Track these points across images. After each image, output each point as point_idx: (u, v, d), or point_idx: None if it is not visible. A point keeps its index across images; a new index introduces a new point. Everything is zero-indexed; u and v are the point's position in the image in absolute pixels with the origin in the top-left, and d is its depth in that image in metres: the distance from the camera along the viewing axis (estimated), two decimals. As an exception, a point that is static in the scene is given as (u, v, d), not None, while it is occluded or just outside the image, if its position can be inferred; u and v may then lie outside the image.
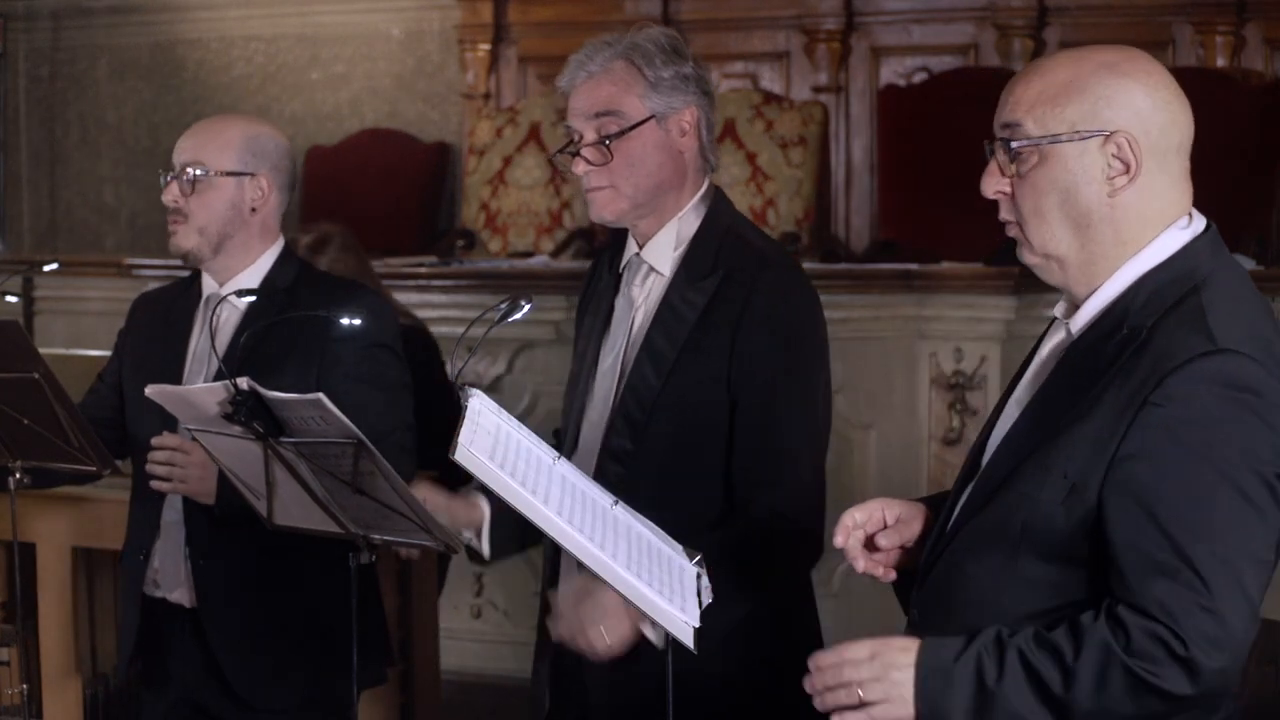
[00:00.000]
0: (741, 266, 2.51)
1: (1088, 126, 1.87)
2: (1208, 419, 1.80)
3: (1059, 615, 1.85)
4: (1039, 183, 1.90)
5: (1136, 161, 1.87)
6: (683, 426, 2.51)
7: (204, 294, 3.07)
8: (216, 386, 2.46)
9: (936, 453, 4.97)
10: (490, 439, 2.01)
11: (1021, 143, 1.90)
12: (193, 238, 2.99)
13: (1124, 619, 1.79)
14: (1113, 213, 1.89)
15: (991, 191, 1.95)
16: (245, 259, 3.04)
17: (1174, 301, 1.87)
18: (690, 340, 2.50)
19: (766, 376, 2.49)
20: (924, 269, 5.13)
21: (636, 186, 2.51)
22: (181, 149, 3.03)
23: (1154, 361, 1.82)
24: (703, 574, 2.14)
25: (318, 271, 3.32)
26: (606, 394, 2.57)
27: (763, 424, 2.49)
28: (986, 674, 1.82)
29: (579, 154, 2.52)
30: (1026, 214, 1.92)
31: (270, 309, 2.96)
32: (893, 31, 6.83)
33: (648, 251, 2.57)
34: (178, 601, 3.02)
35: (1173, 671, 1.77)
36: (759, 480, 2.49)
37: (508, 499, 1.99)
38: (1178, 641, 1.76)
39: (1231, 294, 1.88)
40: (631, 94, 2.51)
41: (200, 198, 2.98)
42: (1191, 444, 1.80)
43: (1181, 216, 1.93)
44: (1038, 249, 1.94)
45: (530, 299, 2.27)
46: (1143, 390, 1.81)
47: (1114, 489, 1.82)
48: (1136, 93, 1.88)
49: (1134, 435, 1.81)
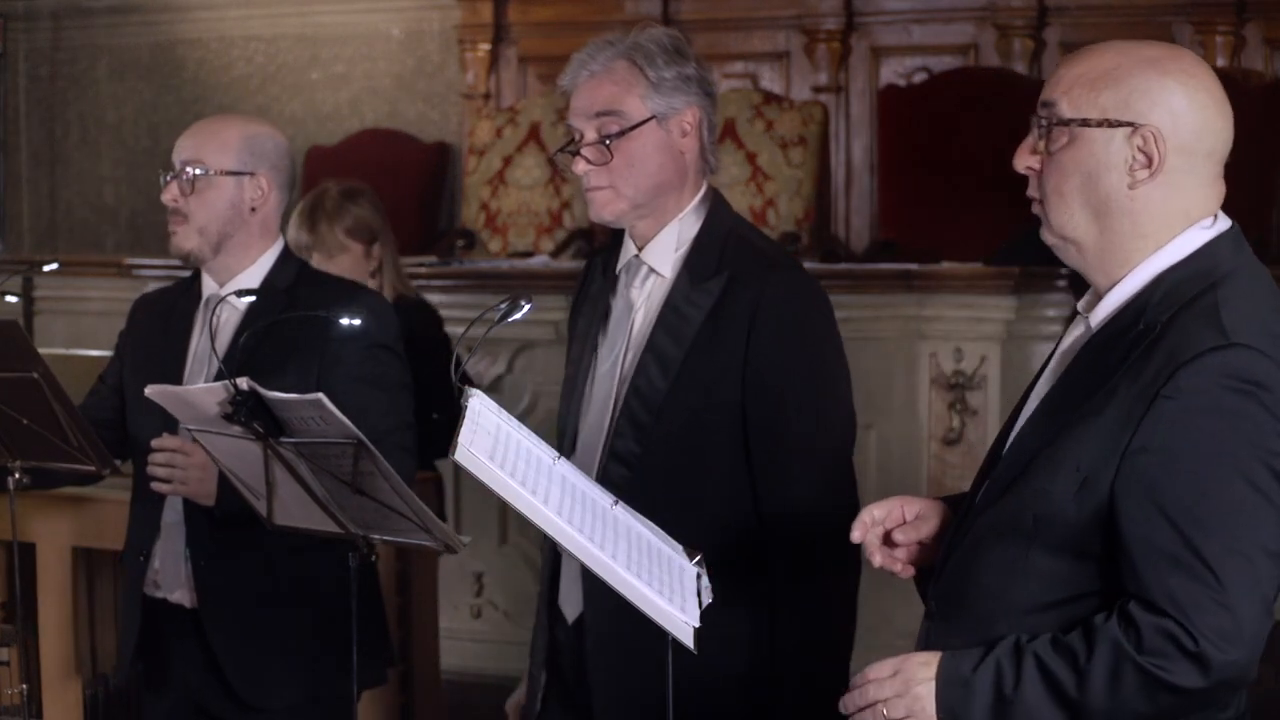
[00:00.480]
0: (748, 268, 2.51)
1: (1118, 116, 1.89)
2: (1217, 412, 1.80)
3: (1071, 608, 1.87)
4: (1065, 163, 1.92)
5: (1160, 157, 1.88)
6: (690, 428, 2.50)
7: (204, 294, 3.06)
8: (216, 387, 2.46)
9: (936, 453, 4.97)
10: (490, 439, 2.01)
11: (1054, 121, 1.92)
12: (193, 238, 2.99)
13: (1135, 617, 1.79)
14: (1131, 204, 1.90)
15: (1022, 166, 1.98)
16: (245, 259, 3.03)
17: (1190, 298, 1.88)
18: (697, 342, 2.49)
19: (786, 379, 2.48)
20: (924, 269, 5.13)
21: (636, 187, 2.50)
22: (181, 148, 3.03)
23: (1167, 356, 1.83)
24: (703, 574, 2.14)
25: (317, 271, 3.32)
26: (606, 397, 2.56)
27: (784, 426, 2.48)
28: (1005, 682, 1.84)
29: (579, 153, 2.52)
30: (1049, 192, 1.94)
31: (270, 309, 2.96)
32: (893, 31, 6.82)
33: (648, 253, 2.56)
34: (178, 602, 3.01)
35: (1184, 666, 1.77)
36: (785, 480, 2.49)
37: (508, 499, 1.99)
38: (1188, 636, 1.77)
39: (1248, 291, 1.89)
40: (633, 94, 2.50)
41: (200, 197, 2.98)
42: (1201, 437, 1.81)
43: (1206, 218, 1.94)
44: (1056, 229, 1.96)
45: (530, 299, 2.27)
46: (1155, 383, 1.82)
47: (1125, 482, 1.83)
48: (1175, 92, 1.89)
49: (1145, 428, 1.82)
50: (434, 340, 4.23)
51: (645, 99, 2.50)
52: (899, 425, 4.98)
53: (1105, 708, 1.80)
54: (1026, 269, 4.95)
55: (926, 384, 4.95)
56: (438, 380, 2.70)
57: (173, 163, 3.01)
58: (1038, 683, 1.82)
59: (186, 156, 3.00)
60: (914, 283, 5.04)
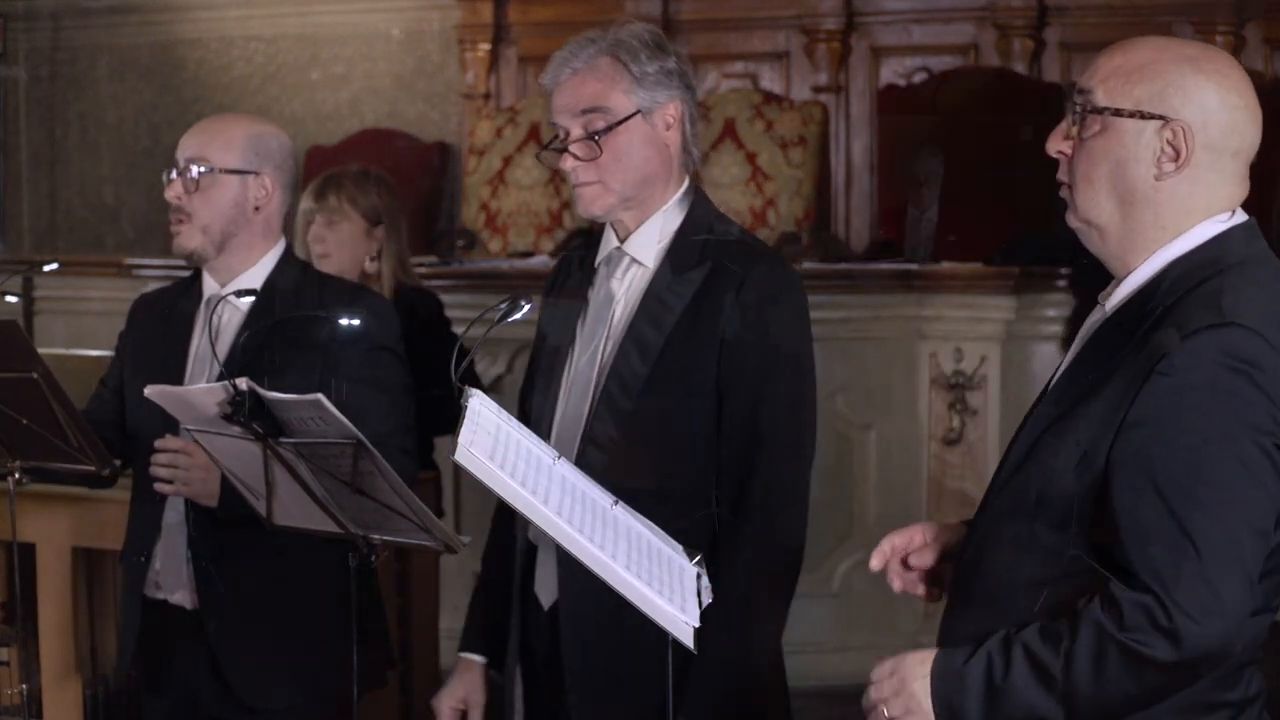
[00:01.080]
0: (730, 259, 2.53)
1: (1151, 108, 1.92)
2: (1209, 389, 1.82)
3: (1070, 584, 1.88)
4: (1095, 151, 1.96)
5: (1188, 152, 1.91)
6: (668, 414, 2.52)
7: (205, 295, 3.06)
8: (216, 387, 2.46)
9: (936, 453, 4.97)
10: (490, 439, 2.01)
11: (1088, 109, 1.94)
12: (197, 237, 2.99)
13: (1116, 595, 1.81)
14: (1156, 195, 1.94)
15: (1054, 150, 2.02)
16: (248, 259, 3.03)
17: (1196, 283, 1.91)
18: (678, 329, 2.51)
19: (762, 365, 2.51)
20: (924, 269, 5.14)
21: (624, 181, 2.53)
22: (185, 146, 3.02)
23: (1165, 334, 1.86)
24: (703, 574, 2.14)
25: (319, 272, 3.32)
26: (586, 385, 2.57)
27: (752, 416, 2.50)
28: (995, 671, 1.86)
29: (566, 150, 2.53)
30: (1078, 178, 1.98)
31: (272, 310, 2.96)
32: (893, 31, 6.83)
33: (630, 244, 2.58)
34: (179, 603, 3.01)
35: (1158, 639, 1.79)
36: (749, 465, 2.51)
37: (508, 499, 1.99)
38: (1162, 610, 1.78)
39: (1254, 279, 1.92)
40: (617, 89, 2.52)
41: (204, 195, 2.98)
42: (1193, 413, 1.83)
43: (1224, 213, 1.96)
44: (1080, 214, 1.99)
45: (530, 299, 2.28)
46: (1151, 359, 1.85)
47: (1119, 456, 1.86)
48: (1209, 90, 1.93)
49: (1141, 403, 1.85)
50: (433, 317, 4.26)
51: (629, 94, 2.52)
52: (899, 425, 4.98)
53: (1091, 691, 1.82)
54: (1026, 269, 4.96)
55: (926, 384, 4.95)
56: (437, 354, 2.70)
57: (176, 160, 3.01)
58: (1025, 670, 1.84)
59: (191, 154, 3.00)
60: (914, 283, 5.04)
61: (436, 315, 4.32)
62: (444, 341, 4.03)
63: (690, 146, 2.60)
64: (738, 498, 2.51)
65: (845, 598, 4.85)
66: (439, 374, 2.44)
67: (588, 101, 2.52)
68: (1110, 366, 1.90)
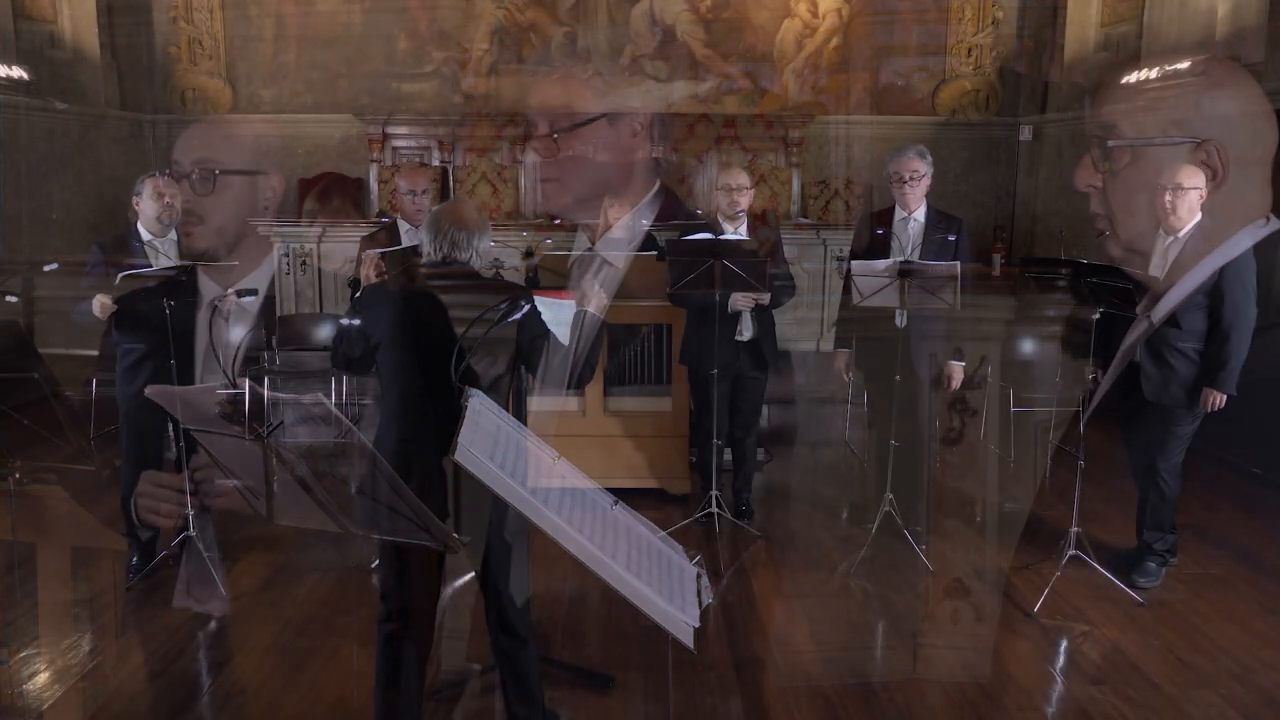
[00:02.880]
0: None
1: (1180, 132, 1.92)
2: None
3: None
4: (1131, 181, 1.96)
5: (1224, 167, 1.92)
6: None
7: (206, 295, 3.06)
8: (215, 387, 2.46)
9: (936, 453, 4.97)
10: (490, 439, 2.02)
11: (1117, 143, 1.95)
12: (210, 238, 2.99)
13: None
14: (1198, 214, 1.94)
15: (1083, 185, 2.02)
16: (255, 258, 3.03)
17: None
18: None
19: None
20: (923, 268, 5.13)
21: (582, 181, 2.55)
22: (187, 148, 3.02)
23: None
24: (702, 574, 2.15)
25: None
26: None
27: (742, 398, 2.54)
28: None
29: (532, 146, 2.55)
30: (1116, 209, 1.99)
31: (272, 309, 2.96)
32: (893, 31, 6.83)
33: (602, 247, 2.60)
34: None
35: None
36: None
37: (508, 499, 1.99)
38: None
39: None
40: (585, 93, 2.53)
41: (215, 197, 2.98)
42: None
43: (1260, 218, 1.98)
44: (1126, 244, 1.99)
45: (530, 299, 2.28)
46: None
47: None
48: (1227, 104, 1.92)
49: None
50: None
51: (597, 98, 2.53)
52: (899, 425, 4.98)
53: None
54: (1026, 269, 4.96)
55: (927, 384, 4.95)
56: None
57: (178, 162, 3.00)
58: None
59: (196, 156, 2.99)
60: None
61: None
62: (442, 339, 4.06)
63: (658, 153, 2.61)
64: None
65: (844, 598, 4.84)
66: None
67: (555, 101, 2.54)
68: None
